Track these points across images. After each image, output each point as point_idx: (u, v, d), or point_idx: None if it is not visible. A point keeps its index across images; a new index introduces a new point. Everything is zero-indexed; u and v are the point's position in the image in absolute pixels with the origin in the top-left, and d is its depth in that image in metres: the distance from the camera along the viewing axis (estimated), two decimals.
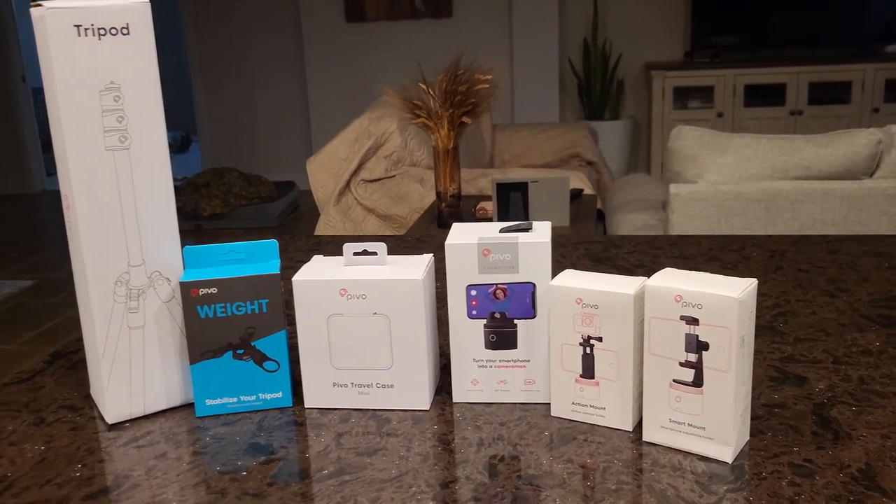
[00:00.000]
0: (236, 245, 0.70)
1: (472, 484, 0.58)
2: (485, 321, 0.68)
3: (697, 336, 0.58)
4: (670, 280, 0.59)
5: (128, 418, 0.70)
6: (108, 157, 0.65)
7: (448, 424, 0.67)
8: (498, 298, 0.68)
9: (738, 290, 0.57)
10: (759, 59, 4.78)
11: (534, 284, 0.67)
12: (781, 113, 4.68)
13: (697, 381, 0.59)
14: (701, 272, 0.61)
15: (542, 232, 0.69)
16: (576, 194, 2.60)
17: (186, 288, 0.68)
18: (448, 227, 2.35)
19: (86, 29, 0.63)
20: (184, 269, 0.70)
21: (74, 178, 0.64)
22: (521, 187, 2.21)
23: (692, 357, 0.59)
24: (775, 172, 1.84)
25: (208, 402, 0.70)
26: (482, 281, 0.68)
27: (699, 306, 0.58)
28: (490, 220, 2.38)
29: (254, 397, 0.70)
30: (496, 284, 0.67)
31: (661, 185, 2.65)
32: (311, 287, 0.68)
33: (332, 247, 1.21)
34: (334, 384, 0.70)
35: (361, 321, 0.68)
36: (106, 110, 0.65)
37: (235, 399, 0.70)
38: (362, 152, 2.81)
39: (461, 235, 0.69)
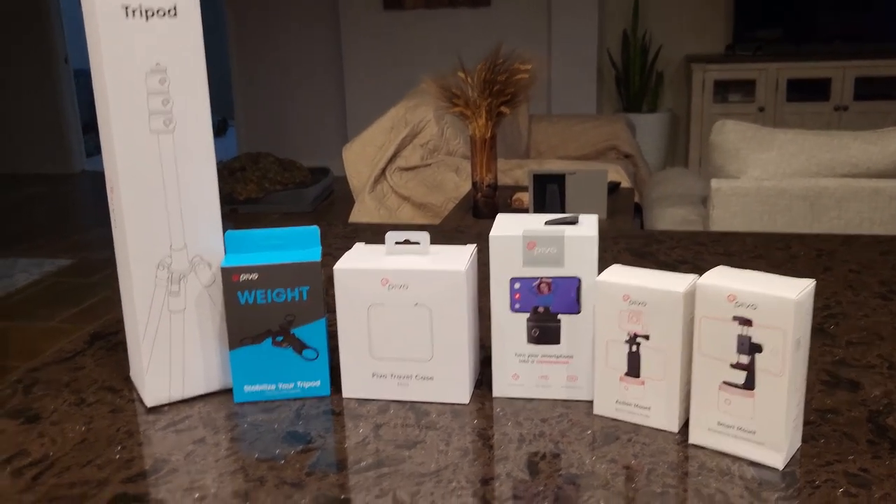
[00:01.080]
0: (278, 231, 0.70)
1: (513, 481, 0.57)
2: (528, 315, 0.67)
3: (750, 338, 0.56)
4: (723, 278, 0.58)
5: (167, 402, 0.70)
6: (152, 139, 0.65)
7: (488, 419, 0.66)
8: (542, 292, 0.66)
9: (796, 291, 0.55)
10: (802, 53, 4.67)
11: (579, 279, 0.66)
12: (825, 108, 4.58)
13: (749, 384, 0.57)
14: (754, 271, 0.59)
15: (588, 226, 0.67)
16: (613, 187, 2.56)
17: (228, 273, 0.67)
18: (483, 218, 2.33)
19: (133, 10, 0.62)
20: (225, 253, 0.70)
21: (119, 161, 0.64)
22: (559, 179, 2.18)
23: (744, 359, 0.57)
24: (821, 169, 1.79)
25: (247, 388, 0.70)
26: (526, 274, 0.66)
27: (753, 307, 0.56)
28: (525, 211, 2.36)
29: (292, 385, 0.70)
30: (540, 278, 0.66)
31: (701, 180, 2.60)
32: (353, 276, 0.67)
33: (369, 234, 1.20)
34: (373, 374, 0.69)
35: (402, 312, 0.67)
36: (151, 92, 0.64)
37: (273, 386, 0.70)
38: (398, 140, 2.80)
39: (506, 227, 0.67)
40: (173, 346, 0.69)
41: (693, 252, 1.08)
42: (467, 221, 2.33)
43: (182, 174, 0.66)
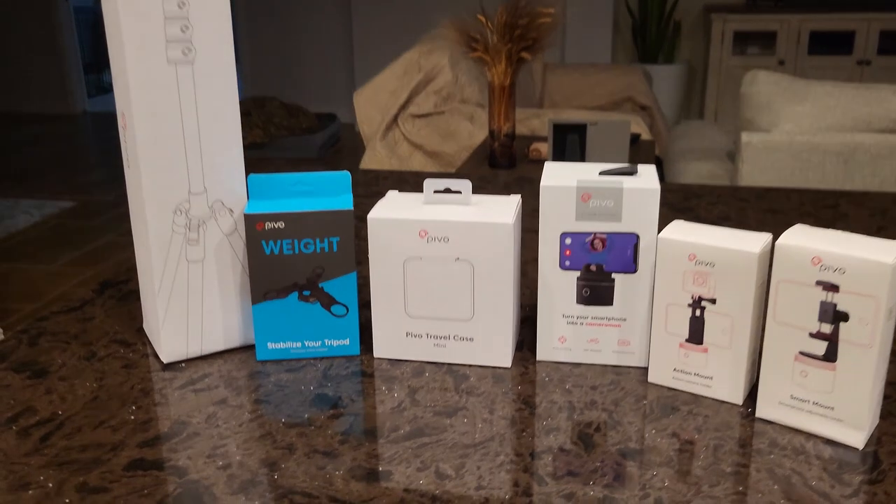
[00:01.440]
0: (306, 175, 0.64)
1: (567, 456, 0.52)
2: (578, 273, 0.61)
3: (836, 305, 0.51)
4: (806, 239, 0.52)
5: (184, 358, 0.65)
6: (170, 71, 0.58)
7: (532, 385, 0.61)
8: (595, 249, 0.61)
9: (892, 255, 0.49)
10: (826, 4, 4.52)
11: (637, 236, 0.60)
12: (848, 62, 4.45)
13: (830, 356, 0.52)
14: (838, 231, 0.53)
15: (648, 177, 0.61)
16: (633, 139, 2.49)
17: (251, 221, 0.61)
18: (500, 167, 2.26)
19: None
20: (248, 199, 0.64)
21: (133, 95, 0.58)
22: (579, 129, 2.10)
23: (826, 328, 0.51)
24: (857, 124, 1.71)
25: (270, 345, 0.64)
26: (579, 229, 0.60)
27: (842, 271, 0.50)
28: (543, 161, 2.29)
29: (319, 343, 0.65)
30: (595, 233, 0.60)
31: (722, 134, 2.52)
32: (388, 226, 0.61)
33: (390, 182, 1.14)
34: (407, 334, 0.64)
35: (442, 267, 0.61)
36: (169, 17, 0.57)
37: (299, 344, 0.65)
38: (411, 86, 2.71)
39: (557, 177, 0.61)
40: (191, 298, 0.64)
41: (736, 208, 1.02)
42: (483, 171, 2.26)
43: (202, 110, 0.60)
